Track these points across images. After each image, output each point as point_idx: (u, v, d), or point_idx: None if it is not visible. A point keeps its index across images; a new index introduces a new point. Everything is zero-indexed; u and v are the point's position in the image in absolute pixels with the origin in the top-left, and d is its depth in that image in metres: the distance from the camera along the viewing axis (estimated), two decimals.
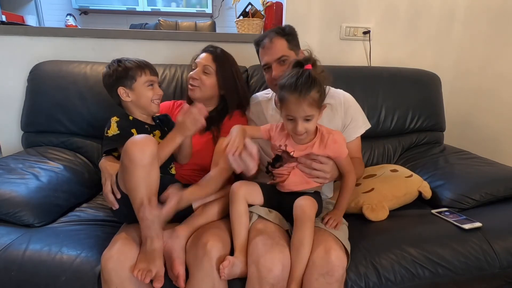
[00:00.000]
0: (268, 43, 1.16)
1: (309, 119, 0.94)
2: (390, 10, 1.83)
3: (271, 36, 1.16)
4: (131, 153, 0.86)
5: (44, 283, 0.92)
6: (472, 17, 1.86)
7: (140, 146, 0.87)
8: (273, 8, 1.86)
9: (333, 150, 1.00)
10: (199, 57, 1.28)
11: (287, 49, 1.15)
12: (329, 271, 0.88)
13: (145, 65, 1.14)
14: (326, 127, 1.04)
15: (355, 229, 1.09)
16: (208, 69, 1.23)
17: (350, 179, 1.05)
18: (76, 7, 3.74)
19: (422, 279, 0.99)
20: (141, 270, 0.88)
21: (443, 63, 1.91)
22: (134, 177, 0.88)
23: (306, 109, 0.92)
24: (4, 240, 0.98)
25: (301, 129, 0.93)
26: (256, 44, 1.23)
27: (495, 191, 1.22)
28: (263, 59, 1.19)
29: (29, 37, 1.62)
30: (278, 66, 1.15)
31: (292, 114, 0.93)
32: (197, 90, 1.24)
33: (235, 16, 1.97)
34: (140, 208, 0.89)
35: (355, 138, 1.25)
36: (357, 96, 1.56)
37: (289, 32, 1.18)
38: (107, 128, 1.08)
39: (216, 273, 0.90)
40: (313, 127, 0.97)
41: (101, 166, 1.06)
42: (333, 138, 1.00)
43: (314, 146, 1.00)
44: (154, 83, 1.14)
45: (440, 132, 1.73)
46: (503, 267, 1.03)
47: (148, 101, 1.12)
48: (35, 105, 1.50)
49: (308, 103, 0.91)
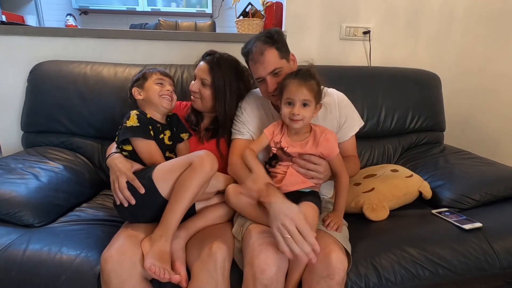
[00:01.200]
0: (259, 56, 1.07)
1: (306, 103, 1.00)
2: (390, 10, 1.83)
3: (261, 48, 1.07)
4: (205, 157, 0.98)
5: (44, 283, 0.92)
6: (472, 17, 1.86)
7: (212, 158, 1.00)
8: (273, 8, 1.85)
9: (325, 147, 1.03)
10: (198, 66, 1.26)
11: (278, 60, 1.08)
12: (330, 274, 0.87)
13: (158, 70, 1.21)
14: (320, 126, 1.08)
15: (355, 229, 1.09)
16: (205, 82, 1.22)
17: (343, 179, 1.07)
18: (76, 7, 3.73)
19: (422, 279, 0.99)
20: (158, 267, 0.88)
21: (443, 63, 1.91)
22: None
23: (305, 93, 0.98)
24: (4, 240, 0.98)
25: (298, 111, 0.98)
26: (244, 55, 1.15)
27: (495, 191, 1.22)
28: (255, 73, 1.11)
29: (29, 37, 1.62)
30: (272, 78, 1.09)
31: (291, 97, 1.00)
32: (198, 101, 1.26)
33: (235, 16, 1.97)
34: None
35: (351, 137, 1.23)
36: (357, 96, 1.57)
37: (278, 39, 1.09)
38: (126, 119, 1.09)
39: (219, 275, 0.90)
40: (308, 116, 1.01)
41: (111, 163, 1.06)
42: (326, 136, 1.04)
43: (308, 144, 1.04)
44: (164, 82, 1.18)
45: (440, 132, 1.73)
46: (503, 267, 1.03)
47: (156, 95, 1.15)
48: (35, 105, 1.49)
49: (308, 88, 0.99)
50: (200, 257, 0.93)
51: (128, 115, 1.10)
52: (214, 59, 1.22)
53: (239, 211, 1.07)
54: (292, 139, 1.07)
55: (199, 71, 1.24)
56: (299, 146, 1.05)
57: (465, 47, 1.91)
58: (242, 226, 1.03)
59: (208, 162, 0.97)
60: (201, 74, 1.22)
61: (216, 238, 0.96)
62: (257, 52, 1.07)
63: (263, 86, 1.13)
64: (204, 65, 1.23)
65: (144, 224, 1.03)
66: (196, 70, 1.25)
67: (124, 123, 1.09)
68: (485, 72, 1.93)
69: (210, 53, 1.26)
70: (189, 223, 1.04)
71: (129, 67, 1.54)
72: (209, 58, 1.24)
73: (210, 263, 0.90)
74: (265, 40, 1.08)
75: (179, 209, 0.95)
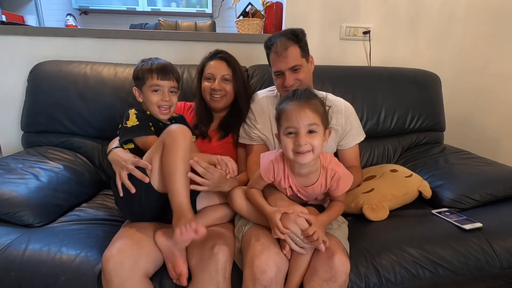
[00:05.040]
0: (282, 51, 1.12)
1: (313, 130, 0.84)
2: (390, 10, 1.83)
3: (285, 43, 1.12)
4: (174, 132, 0.93)
5: (44, 282, 0.92)
6: (472, 17, 1.86)
7: (182, 128, 0.95)
8: (273, 8, 1.86)
9: (335, 189, 0.95)
10: (210, 65, 1.28)
11: (300, 58, 1.14)
12: (332, 277, 0.86)
13: (156, 68, 1.11)
14: (326, 156, 0.96)
15: (355, 229, 1.09)
16: (226, 77, 1.26)
17: (339, 206, 0.99)
18: (76, 7, 3.73)
19: (422, 279, 0.99)
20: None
21: (443, 63, 1.91)
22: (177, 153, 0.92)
23: (309, 115, 0.83)
24: (4, 240, 0.98)
25: (304, 141, 0.82)
26: (267, 47, 1.19)
27: (495, 191, 1.22)
28: (275, 66, 1.16)
29: (29, 37, 1.62)
30: (291, 74, 1.14)
31: (293, 125, 0.83)
32: (222, 100, 1.28)
33: (235, 16, 1.97)
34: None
35: (354, 145, 1.26)
36: (357, 96, 1.57)
37: (301, 39, 1.16)
38: (126, 119, 1.08)
39: (221, 276, 0.90)
40: (318, 145, 0.84)
41: (113, 158, 1.05)
42: (338, 176, 0.94)
43: (319, 186, 0.95)
44: (161, 89, 1.10)
45: (440, 132, 1.73)
46: (503, 267, 1.02)
47: (153, 106, 1.11)
48: (35, 105, 1.49)
49: (312, 109, 0.84)
50: (201, 258, 0.93)
51: (127, 115, 1.09)
52: (227, 55, 1.30)
53: (243, 215, 1.06)
54: (299, 180, 0.95)
55: (217, 70, 1.27)
56: (311, 190, 0.96)
57: (465, 47, 1.91)
58: (243, 226, 1.03)
59: (179, 134, 0.93)
60: (221, 71, 1.27)
61: (217, 240, 0.96)
62: (281, 46, 1.12)
63: (279, 79, 1.17)
64: (221, 62, 1.28)
65: (145, 223, 1.03)
66: (212, 70, 1.27)
67: (125, 124, 1.08)
68: (485, 72, 1.93)
69: (219, 51, 1.31)
70: None
71: (129, 67, 1.54)
72: (222, 55, 1.29)
73: (211, 264, 0.90)
74: (290, 37, 1.13)
75: (179, 190, 0.91)
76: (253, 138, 1.24)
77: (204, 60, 1.32)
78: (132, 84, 1.17)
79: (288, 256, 0.91)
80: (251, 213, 1.02)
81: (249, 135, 1.25)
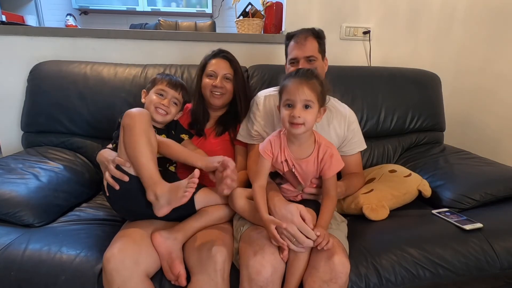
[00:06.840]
0: (303, 40, 1.20)
1: (308, 105, 0.92)
2: (390, 10, 1.83)
3: (306, 35, 1.21)
4: (130, 113, 0.95)
5: (44, 282, 0.92)
6: (472, 17, 1.87)
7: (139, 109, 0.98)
8: (273, 8, 1.86)
9: (328, 166, 0.98)
10: (213, 63, 1.29)
11: (317, 51, 1.21)
12: (333, 278, 0.85)
13: (169, 79, 1.19)
14: (324, 138, 1.02)
15: (355, 229, 1.09)
16: (228, 76, 1.29)
17: (331, 200, 0.99)
18: (76, 7, 3.73)
19: (422, 279, 0.99)
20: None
21: (443, 63, 1.91)
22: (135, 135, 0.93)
23: (306, 92, 0.91)
24: (4, 240, 0.98)
25: (298, 114, 0.91)
26: (288, 38, 1.27)
27: (495, 191, 1.22)
28: (293, 53, 1.22)
29: (29, 37, 1.62)
30: (305, 63, 1.19)
31: (291, 98, 0.92)
32: (222, 97, 1.29)
33: (235, 16, 1.97)
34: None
35: (357, 152, 1.27)
36: (357, 96, 1.57)
37: (322, 37, 1.25)
38: (120, 119, 1.07)
39: (219, 277, 0.90)
40: (311, 120, 0.93)
41: (99, 159, 1.08)
42: (330, 152, 0.98)
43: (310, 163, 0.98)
44: (165, 94, 1.16)
45: (440, 132, 1.73)
46: (503, 267, 1.02)
47: (151, 105, 1.14)
48: (35, 105, 1.49)
49: (310, 87, 0.92)
50: (200, 259, 0.92)
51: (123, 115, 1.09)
52: (229, 55, 1.33)
53: (243, 215, 1.05)
54: (294, 153, 0.99)
55: (220, 68, 1.29)
56: (305, 164, 0.98)
57: (465, 47, 1.91)
58: (241, 227, 1.03)
59: (134, 113, 0.95)
60: (223, 70, 1.29)
61: (215, 240, 0.96)
62: (302, 36, 1.21)
63: (293, 67, 1.21)
64: (223, 61, 1.30)
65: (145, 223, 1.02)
66: (215, 67, 1.29)
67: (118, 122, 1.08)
68: (485, 72, 1.93)
69: (222, 50, 1.33)
70: (187, 224, 1.03)
71: (129, 67, 1.54)
72: (225, 54, 1.32)
73: (210, 265, 0.90)
74: (313, 31, 1.24)
75: (145, 163, 0.93)
76: (254, 136, 1.24)
77: (207, 57, 1.32)
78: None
79: (285, 260, 0.91)
80: (250, 213, 1.02)
81: (249, 133, 1.25)
